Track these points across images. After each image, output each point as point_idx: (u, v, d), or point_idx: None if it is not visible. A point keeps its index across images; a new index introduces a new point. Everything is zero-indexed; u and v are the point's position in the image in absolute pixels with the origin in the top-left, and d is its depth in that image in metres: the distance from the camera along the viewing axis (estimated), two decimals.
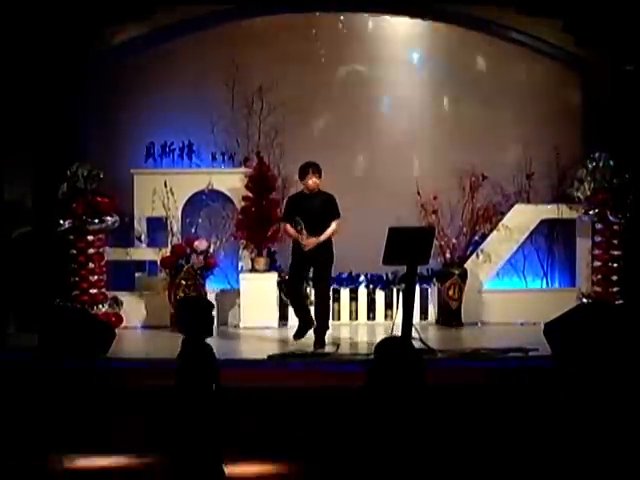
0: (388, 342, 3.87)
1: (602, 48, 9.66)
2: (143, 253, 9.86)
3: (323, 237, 8.09)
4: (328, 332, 8.35)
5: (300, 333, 8.35)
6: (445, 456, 3.91)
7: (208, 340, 4.99)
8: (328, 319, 8.43)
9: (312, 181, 8.21)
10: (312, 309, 8.40)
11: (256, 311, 9.51)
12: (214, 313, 5.20)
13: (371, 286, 9.85)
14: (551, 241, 10.37)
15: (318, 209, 8.19)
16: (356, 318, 9.77)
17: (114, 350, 7.64)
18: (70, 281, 9.26)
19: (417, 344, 7.69)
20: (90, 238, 9.26)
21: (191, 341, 4.95)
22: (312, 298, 8.66)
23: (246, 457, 5.99)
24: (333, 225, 8.17)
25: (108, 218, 9.30)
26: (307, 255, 8.14)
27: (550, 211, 9.95)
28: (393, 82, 10.42)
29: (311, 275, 8.43)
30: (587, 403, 5.49)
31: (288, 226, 8.28)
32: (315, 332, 8.23)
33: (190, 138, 9.97)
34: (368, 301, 9.85)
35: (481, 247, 9.86)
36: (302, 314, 8.38)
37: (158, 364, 6.78)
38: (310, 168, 8.24)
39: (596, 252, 9.58)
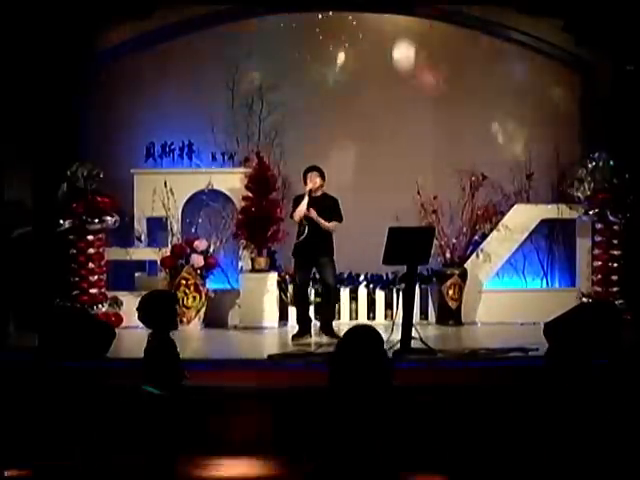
0: (354, 330, 3.78)
1: (602, 48, 9.66)
2: (143, 253, 9.86)
3: (321, 220, 8.29)
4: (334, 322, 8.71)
5: (300, 334, 8.51)
6: (444, 456, 3.91)
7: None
8: (334, 309, 8.90)
9: (312, 182, 8.36)
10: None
11: (256, 311, 9.51)
12: (177, 307, 5.22)
13: (371, 286, 9.84)
14: (551, 241, 10.37)
15: (321, 211, 8.32)
16: (356, 318, 9.76)
17: (114, 350, 7.63)
18: (70, 281, 9.26)
19: (417, 344, 7.71)
20: (90, 238, 9.27)
21: (157, 335, 4.98)
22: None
23: (246, 457, 6.00)
24: (333, 223, 8.37)
25: (108, 218, 9.31)
26: (310, 255, 8.37)
27: (550, 211, 9.95)
28: (393, 81, 10.41)
29: (317, 275, 8.71)
30: (586, 402, 5.49)
31: (296, 211, 8.36)
32: (321, 323, 8.67)
33: (190, 138, 9.96)
34: (368, 301, 9.84)
35: (481, 247, 9.85)
36: (304, 317, 8.64)
37: None
38: (309, 171, 8.44)
39: (596, 252, 9.59)
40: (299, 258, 8.51)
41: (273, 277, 9.64)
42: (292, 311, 9.49)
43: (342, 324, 9.62)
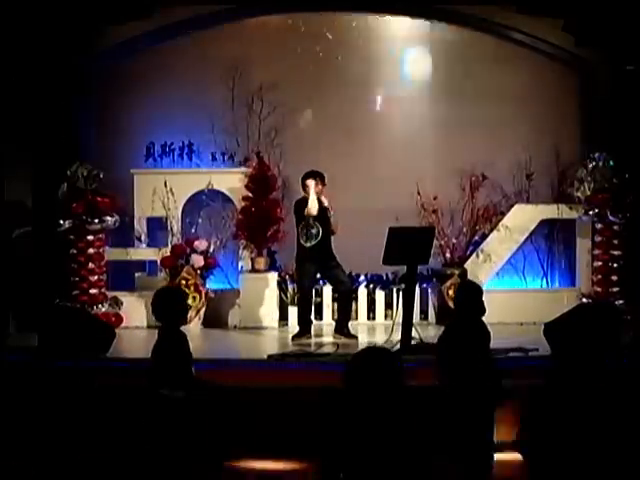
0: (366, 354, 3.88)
1: (602, 48, 9.65)
2: (143, 253, 9.86)
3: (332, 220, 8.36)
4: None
5: (300, 334, 8.51)
6: (442, 456, 3.90)
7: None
8: (351, 310, 8.90)
9: (317, 189, 8.33)
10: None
11: (256, 311, 9.51)
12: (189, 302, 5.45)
13: (371, 286, 9.84)
14: (551, 241, 10.37)
15: (320, 216, 8.33)
16: (356, 318, 9.72)
17: (114, 350, 7.64)
18: (70, 281, 9.26)
19: (417, 344, 7.71)
20: (90, 238, 9.26)
21: (169, 329, 5.07)
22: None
23: (246, 456, 6.01)
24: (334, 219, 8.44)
25: (108, 218, 9.30)
26: (319, 259, 8.38)
27: (550, 211, 9.94)
28: (393, 82, 10.43)
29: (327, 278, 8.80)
30: (585, 403, 5.48)
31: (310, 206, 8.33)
32: (337, 322, 8.63)
33: (190, 138, 9.97)
34: (368, 301, 9.84)
35: (481, 247, 9.85)
36: (306, 318, 8.62)
37: None
38: (309, 176, 8.41)
39: (596, 252, 9.58)
40: (308, 262, 8.44)
41: (273, 277, 9.64)
42: (292, 311, 9.49)
43: None
